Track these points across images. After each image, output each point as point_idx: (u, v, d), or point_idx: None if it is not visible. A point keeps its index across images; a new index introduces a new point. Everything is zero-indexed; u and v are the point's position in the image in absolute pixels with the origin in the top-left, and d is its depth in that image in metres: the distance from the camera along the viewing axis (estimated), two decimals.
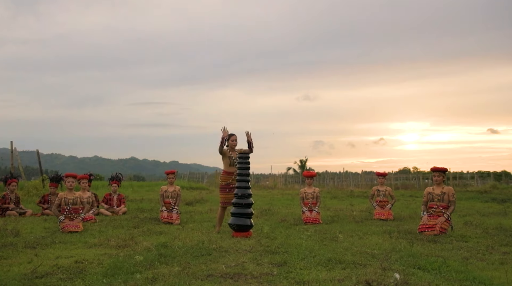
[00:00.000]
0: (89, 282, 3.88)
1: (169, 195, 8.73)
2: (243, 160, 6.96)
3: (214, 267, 4.46)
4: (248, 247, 5.67)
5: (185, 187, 22.83)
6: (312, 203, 8.69)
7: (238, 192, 6.81)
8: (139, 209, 11.28)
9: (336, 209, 11.55)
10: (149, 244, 5.63)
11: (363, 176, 33.66)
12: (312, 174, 9.32)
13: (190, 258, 4.87)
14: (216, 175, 34.43)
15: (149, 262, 4.63)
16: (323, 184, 30.66)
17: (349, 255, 5.08)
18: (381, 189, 9.69)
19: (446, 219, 6.94)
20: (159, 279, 3.97)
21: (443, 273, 4.22)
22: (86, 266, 4.47)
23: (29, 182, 16.54)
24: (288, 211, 10.99)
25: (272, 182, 30.78)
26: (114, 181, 10.86)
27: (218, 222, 7.21)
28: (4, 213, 9.64)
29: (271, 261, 4.80)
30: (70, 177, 7.74)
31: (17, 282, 3.82)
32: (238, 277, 4.10)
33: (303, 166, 42.59)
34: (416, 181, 29.91)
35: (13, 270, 4.32)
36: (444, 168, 7.30)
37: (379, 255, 5.09)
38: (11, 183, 10.14)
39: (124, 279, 3.95)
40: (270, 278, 4.07)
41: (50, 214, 9.82)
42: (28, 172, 26.81)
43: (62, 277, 4.05)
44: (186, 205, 12.64)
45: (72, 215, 7.37)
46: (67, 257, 4.99)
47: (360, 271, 4.28)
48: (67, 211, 7.38)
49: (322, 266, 4.54)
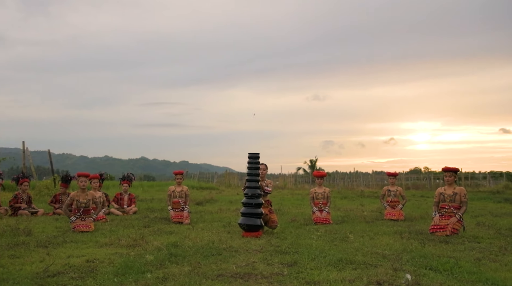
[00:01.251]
0: (100, 281, 3.90)
1: (177, 194, 8.75)
2: (253, 160, 6.96)
3: (225, 267, 4.46)
4: (258, 247, 5.67)
5: (195, 187, 22.88)
6: (322, 203, 8.66)
7: (248, 192, 6.81)
8: (149, 208, 11.32)
9: (346, 209, 11.51)
10: (159, 244, 5.64)
11: (374, 176, 33.49)
12: (322, 174, 9.29)
13: (201, 258, 4.88)
14: (225, 174, 34.49)
15: (160, 261, 4.64)
16: (333, 184, 30.56)
17: (360, 255, 5.05)
18: (392, 189, 9.63)
19: (458, 220, 6.88)
20: (169, 279, 3.97)
21: (455, 274, 4.18)
22: (97, 265, 4.49)
23: (41, 182, 16.68)
24: (298, 211, 10.97)
25: (282, 182, 30.73)
26: (125, 180, 10.92)
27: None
28: (16, 212, 9.73)
29: (282, 261, 4.79)
30: (82, 177, 7.77)
31: (29, 281, 3.85)
32: (248, 277, 4.09)
33: (313, 166, 42.50)
34: (427, 181, 29.69)
35: (26, 268, 4.36)
36: (455, 168, 7.23)
37: (390, 255, 5.06)
38: (23, 183, 10.22)
39: (135, 279, 3.97)
40: (280, 278, 4.07)
41: (62, 213, 9.89)
42: (39, 172, 27.03)
43: (73, 276, 4.07)
44: (196, 204, 12.66)
45: (83, 216, 7.42)
46: (78, 256, 5.02)
47: (371, 272, 4.26)
48: (79, 214, 7.42)
49: (333, 266, 4.52)
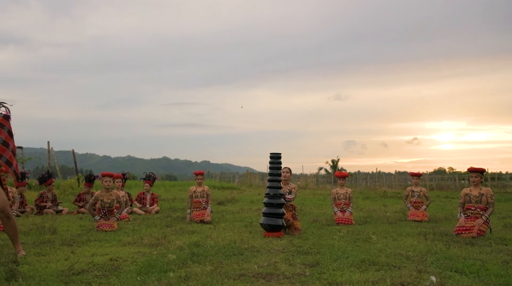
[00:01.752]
0: (123, 280, 3.93)
1: (198, 195, 8.77)
2: (275, 160, 6.94)
3: (246, 267, 4.46)
4: (280, 247, 5.65)
5: (217, 187, 22.98)
6: (344, 203, 8.58)
7: (270, 192, 6.79)
8: (171, 208, 11.41)
9: (369, 209, 11.39)
10: (181, 243, 5.67)
11: (397, 176, 33.08)
12: (344, 174, 9.21)
13: (222, 258, 4.88)
14: (247, 174, 34.54)
15: (182, 260, 4.66)
16: (355, 184, 30.30)
17: (383, 256, 4.99)
18: (415, 190, 9.49)
19: (484, 221, 6.73)
20: (192, 278, 3.99)
21: (481, 277, 4.08)
22: (120, 264, 4.54)
23: (65, 181, 16.99)
24: (320, 211, 10.91)
25: (303, 182, 30.63)
26: (147, 180, 11.02)
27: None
28: (42, 211, 9.93)
29: (304, 261, 4.76)
30: (107, 176, 7.86)
31: (55, 278, 3.91)
32: (270, 277, 4.08)
33: (335, 166, 42.24)
34: (452, 182, 29.19)
35: (51, 266, 4.43)
36: (481, 168, 7.07)
37: (414, 257, 4.98)
38: (51, 183, 10.43)
39: (158, 277, 3.99)
40: (302, 278, 4.04)
41: (86, 212, 10.05)
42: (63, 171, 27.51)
43: (97, 274, 4.12)
44: (218, 204, 12.70)
45: (107, 216, 7.51)
46: (102, 254, 5.08)
47: (395, 273, 4.19)
48: (103, 214, 7.52)
49: (356, 267, 4.47)
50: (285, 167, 7.37)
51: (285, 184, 7.31)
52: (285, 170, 7.37)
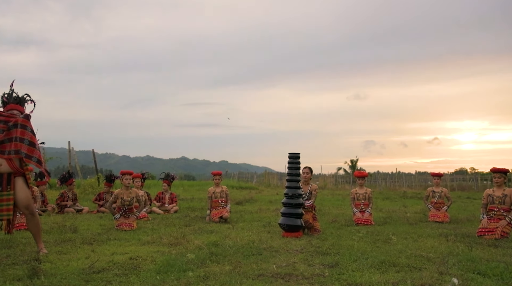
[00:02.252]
0: (143, 278, 3.96)
1: (217, 195, 8.78)
2: (293, 160, 6.92)
3: (265, 267, 4.45)
4: (299, 247, 5.62)
5: (235, 187, 23.01)
6: (363, 204, 8.49)
7: (288, 192, 6.77)
8: (190, 208, 11.46)
9: (388, 210, 11.27)
10: (200, 243, 5.69)
11: (417, 176, 32.70)
12: (364, 174, 9.12)
13: (241, 257, 4.88)
14: (265, 174, 34.51)
15: (201, 260, 4.68)
16: (374, 185, 30.01)
17: (403, 258, 4.92)
18: (436, 190, 9.36)
19: (508, 223, 6.59)
20: (210, 277, 3.99)
21: (505, 280, 4.00)
22: (140, 263, 4.57)
23: (85, 180, 17.21)
24: (339, 211, 10.83)
25: (322, 182, 30.47)
26: (165, 180, 11.10)
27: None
28: (63, 210, 10.08)
29: (322, 262, 4.73)
30: (127, 175, 7.93)
31: (76, 276, 3.95)
32: (289, 278, 4.06)
33: (354, 166, 41.87)
34: (474, 182, 28.71)
35: (72, 264, 4.49)
36: (505, 168, 6.93)
37: (435, 258, 4.91)
38: (71, 182, 10.59)
39: (177, 277, 4.01)
40: (321, 279, 4.01)
41: (106, 211, 10.17)
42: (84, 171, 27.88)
43: (117, 272, 4.16)
44: (236, 204, 12.72)
45: (127, 214, 7.58)
46: (122, 253, 5.12)
47: (415, 275, 4.14)
48: (123, 211, 7.59)
49: (375, 268, 4.42)
50: (305, 167, 7.32)
51: (305, 184, 7.26)
52: (306, 170, 7.31)
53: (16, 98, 5.20)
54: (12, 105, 5.16)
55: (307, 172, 7.30)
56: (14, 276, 3.92)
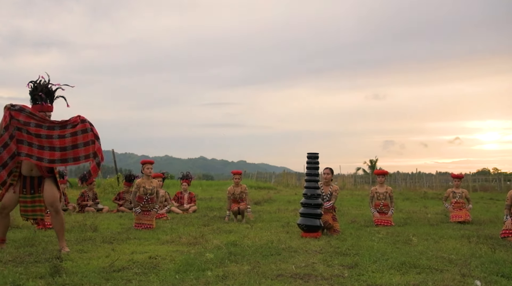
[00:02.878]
0: (162, 278, 3.98)
1: (237, 196, 8.76)
2: (312, 160, 6.88)
3: (284, 267, 4.43)
4: (318, 248, 5.59)
5: (253, 187, 22.99)
6: (383, 204, 8.34)
7: (307, 192, 6.73)
8: (208, 207, 11.50)
9: (409, 211, 11.13)
10: (219, 242, 5.70)
11: (438, 177, 32.22)
12: (384, 172, 8.99)
13: (260, 257, 4.87)
14: (283, 174, 34.43)
15: (220, 260, 4.68)
16: (394, 185, 29.67)
17: (424, 259, 4.85)
18: (457, 191, 9.21)
19: None
20: (229, 277, 3.99)
21: None
22: (159, 262, 4.60)
23: (105, 180, 17.40)
24: (358, 212, 10.74)
25: (341, 182, 30.25)
26: (184, 179, 11.14)
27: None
28: (83, 209, 10.21)
29: (342, 262, 4.69)
30: (148, 164, 7.89)
31: (96, 275, 4.00)
32: (308, 278, 4.04)
33: (373, 166, 41.43)
34: (497, 183, 28.20)
35: (93, 263, 4.54)
36: None
37: (457, 260, 4.83)
38: (92, 182, 10.70)
39: (196, 276, 4.02)
40: (341, 280, 3.98)
41: (125, 210, 10.28)
42: (103, 171, 28.19)
43: (137, 271, 4.19)
44: (255, 204, 12.71)
45: (148, 205, 7.61)
46: (141, 252, 5.16)
47: (437, 277, 4.07)
48: (145, 201, 7.63)
49: (396, 269, 4.37)
50: (326, 168, 7.26)
51: (326, 185, 7.19)
52: (326, 171, 7.24)
53: (48, 94, 5.18)
54: (47, 106, 5.17)
55: (328, 173, 7.23)
56: (37, 274, 3.98)
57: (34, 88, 5.15)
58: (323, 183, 7.13)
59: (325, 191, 7.09)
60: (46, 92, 5.16)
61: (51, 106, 5.20)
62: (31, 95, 5.16)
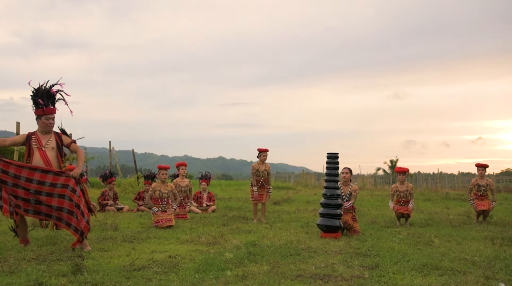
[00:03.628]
0: (182, 277, 4.00)
1: (260, 174, 8.71)
2: (332, 160, 6.84)
3: (303, 268, 4.41)
4: (338, 248, 5.54)
5: (272, 187, 22.95)
6: (404, 201, 8.28)
7: (327, 192, 6.69)
8: (227, 207, 11.52)
9: (430, 212, 10.97)
10: (238, 242, 5.70)
11: (460, 177, 31.72)
12: (405, 169, 8.85)
13: (279, 258, 4.85)
14: (302, 174, 34.34)
15: (239, 259, 4.68)
16: (415, 185, 29.28)
17: (447, 261, 4.78)
18: (481, 184, 8.90)
19: None
20: (249, 277, 3.99)
21: None
22: (179, 261, 4.62)
23: (125, 180, 17.56)
24: (378, 212, 10.63)
25: (361, 183, 30.03)
26: (203, 179, 11.18)
27: None
28: (104, 208, 10.33)
29: (362, 263, 4.65)
30: (163, 170, 8.14)
31: (117, 273, 4.03)
32: (328, 279, 4.01)
33: (394, 166, 40.97)
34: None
35: (113, 262, 4.58)
36: None
37: (480, 262, 4.73)
38: (111, 182, 10.83)
39: (215, 276, 4.02)
40: (361, 281, 3.94)
41: (145, 210, 10.35)
42: (124, 170, 28.51)
43: (157, 270, 4.22)
44: (274, 204, 12.69)
45: (165, 206, 7.75)
46: (161, 251, 5.19)
47: (460, 279, 4.00)
48: (161, 202, 7.78)
49: (417, 271, 4.31)
50: (344, 168, 7.20)
51: (345, 185, 7.13)
52: (345, 170, 7.18)
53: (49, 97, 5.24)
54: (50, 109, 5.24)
55: (347, 172, 7.17)
56: (59, 272, 4.04)
57: (34, 94, 5.21)
58: (342, 183, 7.07)
59: (344, 191, 7.03)
60: (47, 96, 5.21)
61: (53, 109, 5.27)
62: (33, 100, 5.22)
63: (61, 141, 5.33)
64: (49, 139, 5.25)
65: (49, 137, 5.27)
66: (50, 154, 5.20)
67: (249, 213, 9.85)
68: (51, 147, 5.23)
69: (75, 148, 5.46)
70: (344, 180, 7.10)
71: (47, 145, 5.22)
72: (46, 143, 5.22)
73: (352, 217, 6.94)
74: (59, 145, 5.31)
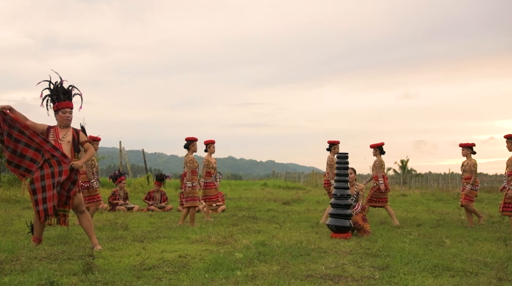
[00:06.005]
0: (192, 276, 4.01)
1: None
2: (342, 160, 6.81)
3: (313, 268, 4.39)
4: (348, 248, 5.52)
5: (282, 187, 22.96)
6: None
7: (337, 192, 6.66)
8: (237, 207, 11.53)
9: (441, 212, 10.89)
10: (248, 242, 5.69)
11: None
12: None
13: (289, 258, 4.84)
14: (312, 174, 34.25)
15: (249, 259, 4.68)
16: (426, 186, 29.15)
17: (458, 262, 4.73)
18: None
19: None
20: (258, 277, 3.98)
21: None
22: (189, 261, 4.63)
23: (135, 179, 17.65)
24: None
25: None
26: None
27: None
28: (114, 208, 10.40)
29: (372, 264, 4.62)
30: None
31: (127, 273, 4.05)
32: (338, 279, 3.99)
33: (404, 167, 40.77)
34: None
35: (124, 261, 4.60)
36: None
37: (493, 263, 4.68)
38: (121, 181, 10.90)
39: (225, 275, 4.02)
40: (372, 281, 3.92)
41: (155, 209, 10.41)
42: (134, 170, 28.65)
43: (167, 270, 4.23)
44: (283, 204, 12.68)
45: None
46: (171, 251, 5.21)
47: (472, 280, 3.96)
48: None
49: (428, 272, 4.27)
50: (348, 168, 7.16)
51: (351, 186, 7.09)
52: (349, 171, 7.14)
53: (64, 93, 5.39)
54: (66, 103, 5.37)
55: (351, 172, 7.12)
56: (70, 271, 4.06)
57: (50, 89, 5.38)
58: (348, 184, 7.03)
59: (351, 192, 6.99)
60: (63, 91, 5.36)
61: (69, 103, 5.39)
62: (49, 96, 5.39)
63: (77, 138, 5.42)
64: (66, 133, 5.35)
65: (66, 131, 5.37)
66: (65, 147, 5.28)
67: (259, 213, 9.86)
68: (67, 141, 5.33)
69: (88, 146, 5.52)
70: (350, 181, 7.06)
71: (64, 138, 5.31)
72: (63, 136, 5.32)
73: (363, 217, 6.91)
74: (75, 140, 5.40)
